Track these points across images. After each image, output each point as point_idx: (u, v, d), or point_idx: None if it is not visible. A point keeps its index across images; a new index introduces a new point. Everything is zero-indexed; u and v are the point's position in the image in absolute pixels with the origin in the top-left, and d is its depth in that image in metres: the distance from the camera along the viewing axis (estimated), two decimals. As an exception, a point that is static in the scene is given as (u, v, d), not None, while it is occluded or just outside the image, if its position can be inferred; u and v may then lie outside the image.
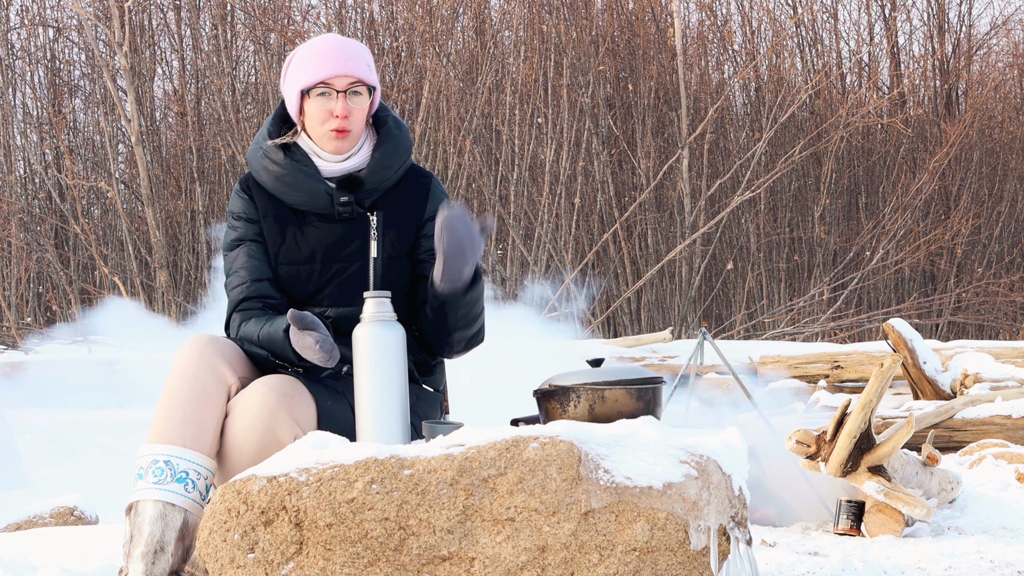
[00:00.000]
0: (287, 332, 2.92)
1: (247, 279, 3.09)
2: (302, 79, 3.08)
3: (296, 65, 3.11)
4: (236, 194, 3.17)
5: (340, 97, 3.06)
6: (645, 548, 2.42)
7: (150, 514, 2.82)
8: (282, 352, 2.96)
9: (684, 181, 17.11)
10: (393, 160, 3.13)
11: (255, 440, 2.85)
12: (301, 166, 3.08)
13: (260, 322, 3.01)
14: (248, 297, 3.08)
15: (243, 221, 3.14)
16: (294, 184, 3.08)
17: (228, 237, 3.16)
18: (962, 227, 18.11)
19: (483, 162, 16.66)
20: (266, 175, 3.11)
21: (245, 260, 3.11)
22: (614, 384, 2.75)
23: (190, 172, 16.94)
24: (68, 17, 17.45)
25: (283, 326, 2.94)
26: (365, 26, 17.73)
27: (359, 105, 3.09)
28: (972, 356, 8.63)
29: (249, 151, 3.17)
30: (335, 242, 3.09)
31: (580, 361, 3.00)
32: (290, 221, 3.11)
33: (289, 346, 2.92)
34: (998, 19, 20.71)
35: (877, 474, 4.26)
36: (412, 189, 3.17)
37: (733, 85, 18.08)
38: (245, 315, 3.07)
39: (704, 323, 17.35)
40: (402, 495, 2.44)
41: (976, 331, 18.08)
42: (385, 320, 2.83)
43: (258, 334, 3.00)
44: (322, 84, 3.06)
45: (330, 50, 3.08)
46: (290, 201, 3.11)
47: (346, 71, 3.06)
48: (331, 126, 3.07)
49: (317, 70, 3.07)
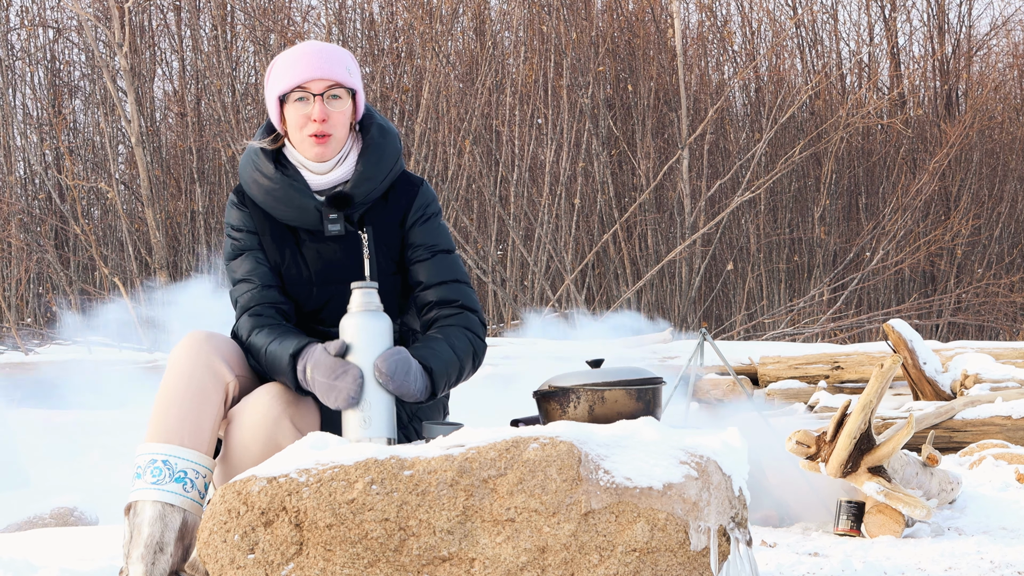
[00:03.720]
0: (294, 358, 2.87)
1: (257, 284, 3.05)
2: (279, 85, 3.04)
3: (274, 73, 3.07)
4: (233, 205, 3.11)
5: (317, 100, 3.00)
6: (645, 549, 2.42)
7: (149, 514, 2.81)
8: (279, 375, 2.91)
9: (684, 182, 17.11)
10: (376, 171, 3.06)
11: (258, 448, 2.84)
12: (292, 180, 3.03)
13: (270, 335, 2.96)
14: (259, 302, 3.04)
15: (244, 232, 3.09)
16: (284, 199, 3.03)
17: (229, 247, 3.11)
18: (962, 228, 18.11)
19: (483, 163, 16.66)
20: (256, 188, 3.06)
21: (253, 266, 3.06)
22: (614, 385, 2.75)
23: (190, 173, 16.94)
24: (68, 18, 17.45)
25: (289, 349, 2.88)
26: (365, 26, 17.73)
27: (338, 109, 3.03)
28: (972, 357, 8.63)
29: (240, 163, 3.13)
30: (330, 263, 3.06)
31: (580, 362, 3.00)
32: (287, 241, 3.07)
33: (292, 373, 2.88)
34: (998, 20, 20.71)
35: (877, 475, 4.26)
36: (399, 197, 3.11)
37: (733, 86, 18.08)
38: (258, 320, 3.01)
39: (704, 324, 17.35)
40: (402, 496, 2.44)
41: (976, 332, 18.08)
42: (372, 311, 2.83)
43: (265, 348, 2.94)
44: (299, 88, 3.02)
45: (306, 55, 3.03)
46: (280, 217, 3.06)
47: (322, 74, 3.01)
48: (310, 131, 3.02)
49: (293, 75, 3.02)
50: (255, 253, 3.08)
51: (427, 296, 3.07)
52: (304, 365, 2.85)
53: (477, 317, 3.07)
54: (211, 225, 16.75)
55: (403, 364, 2.81)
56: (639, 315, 15.26)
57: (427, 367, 2.88)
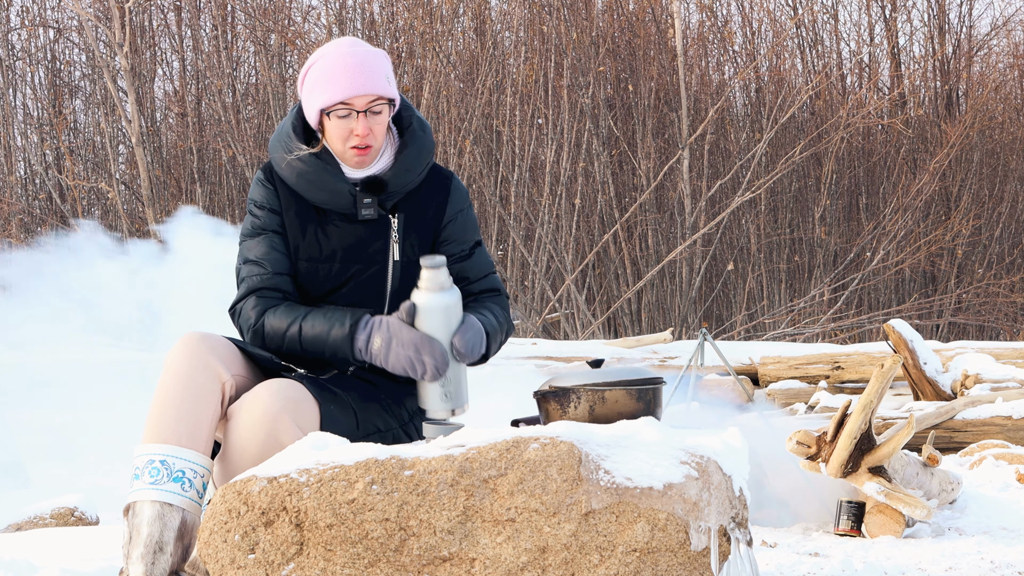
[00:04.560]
0: (353, 328, 2.90)
1: (269, 270, 3.04)
2: (321, 98, 3.01)
3: (315, 80, 3.03)
4: (259, 183, 3.11)
5: (361, 117, 2.99)
6: (646, 549, 2.42)
7: (148, 514, 2.81)
8: (331, 351, 2.94)
9: (684, 182, 17.11)
10: (416, 163, 3.09)
11: (258, 445, 2.84)
12: (325, 164, 3.04)
13: (292, 312, 2.98)
14: (268, 287, 3.04)
15: (266, 211, 3.09)
16: (317, 183, 3.04)
17: (249, 224, 3.10)
18: (962, 228, 18.11)
19: (483, 163, 16.66)
20: (289, 170, 3.06)
21: (268, 250, 3.06)
22: (614, 385, 2.75)
23: (190, 173, 16.95)
24: (69, 18, 17.46)
25: (345, 319, 2.92)
26: (365, 26, 17.73)
27: (380, 122, 3.02)
28: (972, 357, 8.63)
29: (271, 142, 3.12)
30: (356, 243, 3.07)
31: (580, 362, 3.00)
32: (311, 218, 3.07)
33: (350, 346, 2.91)
34: (998, 20, 20.71)
35: (878, 475, 4.26)
36: (433, 190, 3.14)
37: (733, 86, 18.08)
38: (267, 302, 3.01)
39: (705, 324, 17.35)
40: (403, 496, 2.44)
41: (977, 332, 18.09)
42: (445, 289, 2.89)
43: (297, 324, 2.96)
44: (341, 105, 2.99)
45: (349, 68, 2.99)
46: (312, 199, 3.06)
47: (366, 90, 2.99)
48: (352, 143, 3.01)
49: (336, 90, 2.99)
50: (272, 237, 3.08)
51: (471, 288, 3.15)
52: (369, 334, 2.89)
53: (506, 299, 3.22)
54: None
55: (476, 338, 2.91)
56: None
57: (485, 330, 3.00)
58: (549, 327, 16.85)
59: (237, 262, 3.12)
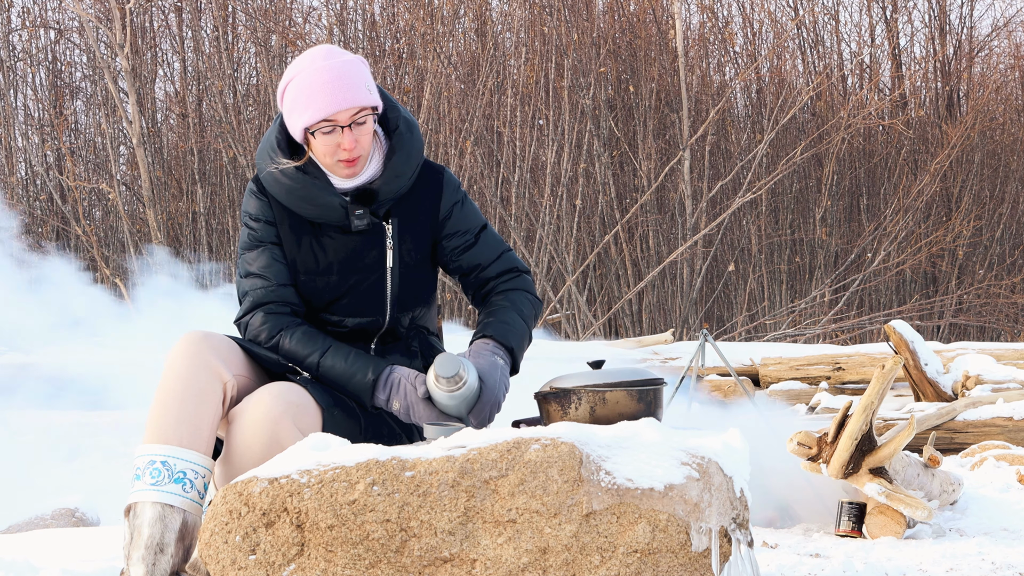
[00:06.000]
0: (374, 384, 2.93)
1: (272, 282, 3.03)
2: (303, 117, 2.97)
3: (294, 99, 2.98)
4: (252, 195, 3.08)
5: (346, 131, 2.96)
6: (646, 550, 2.42)
7: (149, 515, 2.81)
8: (350, 392, 2.97)
9: (685, 183, 17.11)
10: (406, 168, 3.06)
11: (260, 448, 2.84)
12: (313, 178, 3.01)
13: (310, 344, 2.99)
14: (273, 300, 3.03)
15: (262, 223, 3.07)
16: (307, 198, 3.01)
17: (246, 236, 3.08)
18: (963, 229, 18.11)
19: (484, 164, 16.66)
20: (278, 187, 3.03)
21: (269, 262, 3.05)
22: (615, 386, 2.75)
23: (191, 174, 16.95)
24: (69, 19, 17.46)
25: (366, 370, 2.94)
26: (366, 27, 17.74)
27: (365, 132, 2.99)
28: (973, 358, 8.63)
29: (258, 155, 3.09)
30: (352, 254, 3.05)
31: (581, 363, 3.00)
32: (306, 230, 3.05)
33: (369, 398, 2.95)
34: (999, 21, 20.70)
35: (878, 476, 4.26)
36: (425, 189, 3.11)
37: (734, 87, 18.08)
38: (277, 319, 3.01)
39: (705, 325, 17.35)
40: (403, 497, 2.44)
41: (977, 333, 18.08)
42: (461, 385, 2.89)
43: (317, 360, 2.97)
44: (324, 122, 2.95)
45: (328, 83, 2.94)
46: (304, 214, 3.04)
47: (347, 104, 2.94)
48: (340, 157, 2.98)
49: (317, 108, 2.94)
50: (271, 248, 3.06)
51: (487, 274, 3.14)
52: (389, 395, 2.94)
53: (529, 276, 3.18)
54: (212, 226, 16.76)
55: (493, 410, 2.95)
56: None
57: (507, 346, 3.01)
58: (550, 327, 16.84)
59: (238, 274, 3.11)
